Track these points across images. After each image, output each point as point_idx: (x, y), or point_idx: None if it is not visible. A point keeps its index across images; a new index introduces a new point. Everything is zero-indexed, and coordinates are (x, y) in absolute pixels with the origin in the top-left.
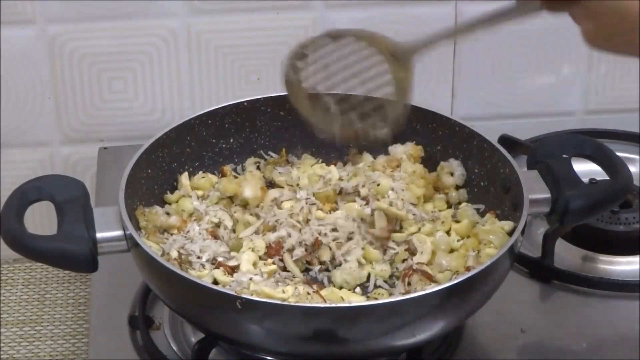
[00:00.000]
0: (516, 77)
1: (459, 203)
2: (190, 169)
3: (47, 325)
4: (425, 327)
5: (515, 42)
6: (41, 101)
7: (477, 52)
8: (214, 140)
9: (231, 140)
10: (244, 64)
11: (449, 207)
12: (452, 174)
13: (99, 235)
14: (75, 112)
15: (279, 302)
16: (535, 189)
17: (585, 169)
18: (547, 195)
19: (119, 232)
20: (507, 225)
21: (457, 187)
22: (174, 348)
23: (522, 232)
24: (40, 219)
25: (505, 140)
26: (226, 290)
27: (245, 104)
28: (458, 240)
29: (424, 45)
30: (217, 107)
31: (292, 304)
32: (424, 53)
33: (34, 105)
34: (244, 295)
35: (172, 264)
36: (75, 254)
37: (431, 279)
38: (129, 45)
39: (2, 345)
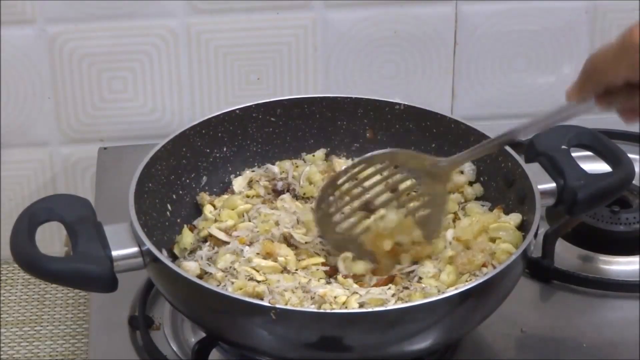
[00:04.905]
0: (516, 77)
1: (477, 198)
2: (187, 181)
3: (47, 326)
4: (441, 331)
5: (515, 42)
6: (41, 101)
7: (477, 52)
8: (207, 150)
9: (224, 149)
10: (244, 63)
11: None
12: (462, 172)
13: (114, 253)
14: (75, 112)
15: (315, 310)
16: (540, 180)
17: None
18: (553, 186)
19: (134, 249)
20: (516, 218)
21: (470, 183)
22: (174, 348)
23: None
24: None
25: None
26: (260, 302)
27: (237, 111)
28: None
29: (463, 161)
30: (210, 116)
31: (329, 311)
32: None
33: (34, 105)
34: (279, 306)
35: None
36: (96, 275)
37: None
38: (129, 45)
39: (2, 345)
